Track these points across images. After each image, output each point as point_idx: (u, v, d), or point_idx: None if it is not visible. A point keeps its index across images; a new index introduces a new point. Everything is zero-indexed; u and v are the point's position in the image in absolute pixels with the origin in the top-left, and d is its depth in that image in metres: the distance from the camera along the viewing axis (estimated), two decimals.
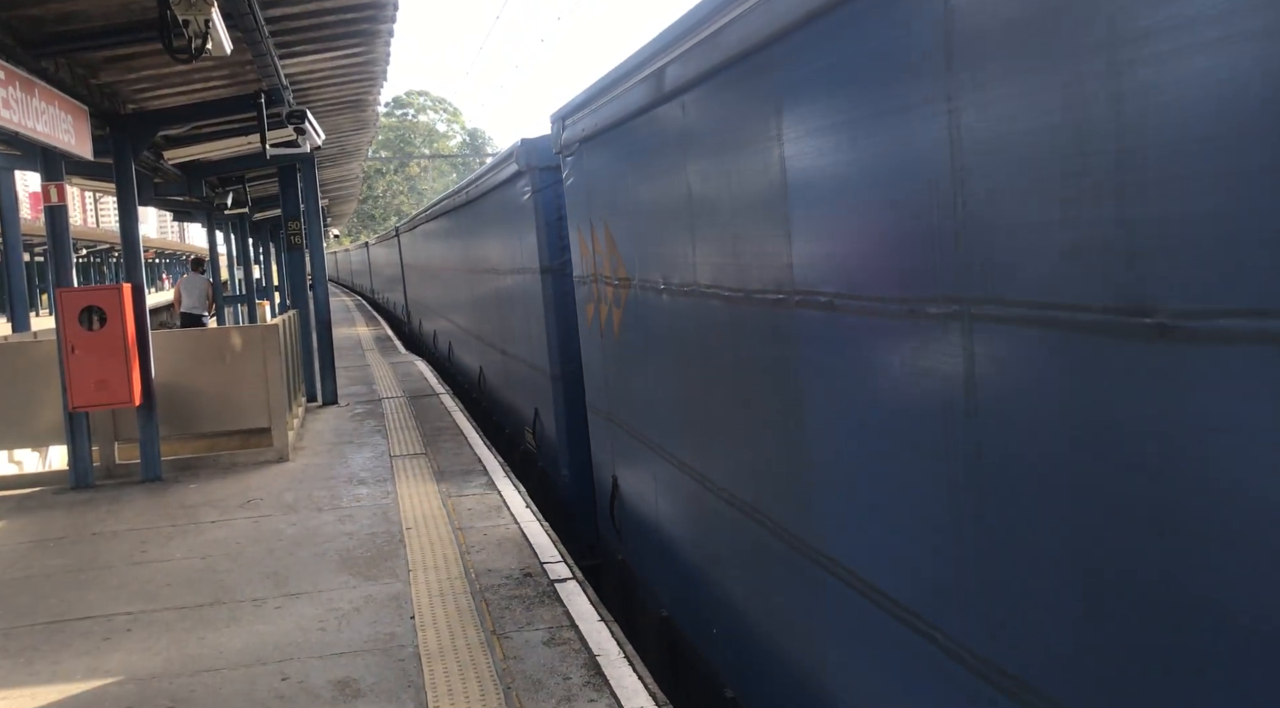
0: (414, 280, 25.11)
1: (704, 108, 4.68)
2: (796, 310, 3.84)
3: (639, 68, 5.44)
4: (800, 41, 3.56)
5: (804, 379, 3.85)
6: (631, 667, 4.82)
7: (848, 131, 3.30)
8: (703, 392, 5.11)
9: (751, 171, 4.10)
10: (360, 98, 13.19)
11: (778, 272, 3.97)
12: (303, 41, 9.23)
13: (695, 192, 4.87)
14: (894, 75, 2.99)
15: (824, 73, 3.43)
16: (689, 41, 4.62)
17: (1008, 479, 2.64)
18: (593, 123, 6.53)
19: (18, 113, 6.74)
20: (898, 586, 3.28)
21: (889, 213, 3.11)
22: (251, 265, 24.96)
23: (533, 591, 5.93)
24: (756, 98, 4.00)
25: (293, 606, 5.88)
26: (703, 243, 4.85)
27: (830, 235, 3.55)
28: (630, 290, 6.21)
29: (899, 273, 3.07)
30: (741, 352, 4.50)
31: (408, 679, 4.77)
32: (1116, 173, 2.16)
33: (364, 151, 21.99)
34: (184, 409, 10.10)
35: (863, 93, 3.20)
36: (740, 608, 4.84)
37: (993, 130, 2.57)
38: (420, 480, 8.89)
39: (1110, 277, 2.20)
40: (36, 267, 41.06)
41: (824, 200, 3.54)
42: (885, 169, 3.10)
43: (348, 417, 12.73)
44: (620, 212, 6.29)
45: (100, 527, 7.89)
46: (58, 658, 5.26)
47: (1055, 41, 2.31)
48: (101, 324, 8.96)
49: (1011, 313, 2.54)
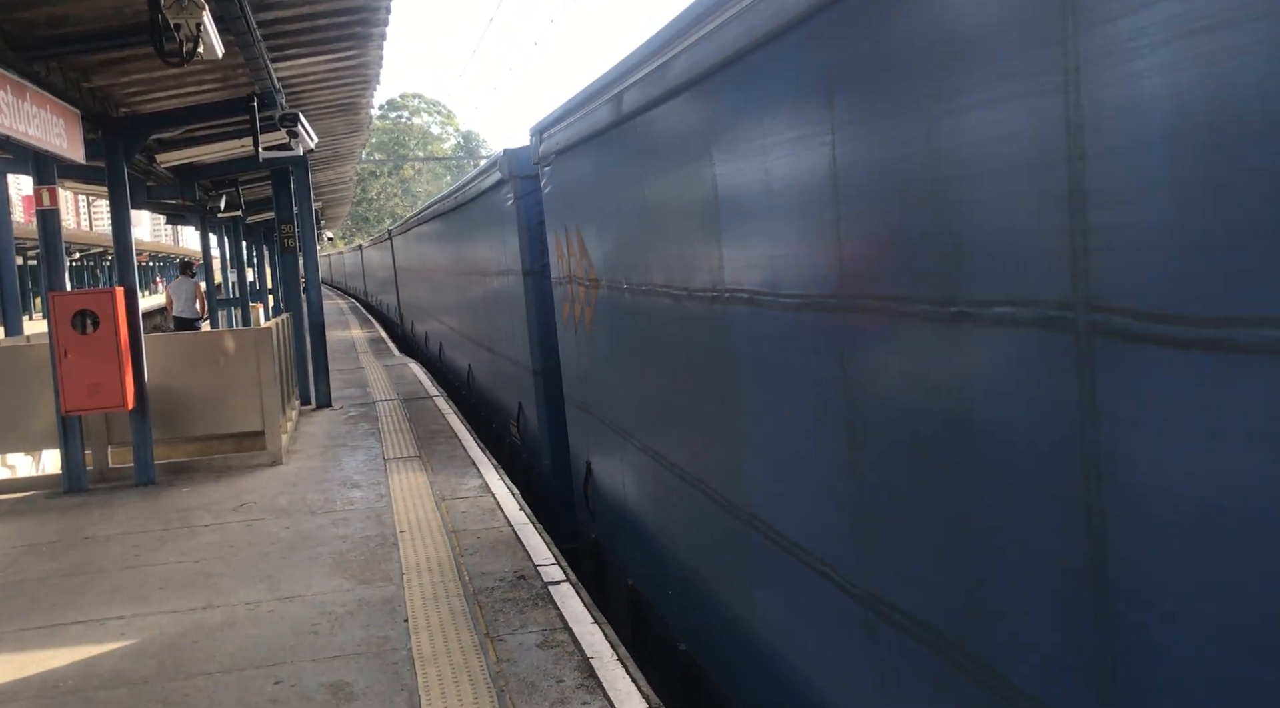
0: (406, 283, 25.81)
1: (655, 130, 5.28)
2: (727, 306, 4.46)
3: (604, 89, 6.03)
4: (724, 80, 4.23)
5: (733, 364, 4.48)
6: (625, 669, 4.83)
7: (759, 156, 3.95)
8: (658, 380, 5.73)
9: (692, 187, 4.75)
10: (353, 101, 13.20)
11: (712, 273, 4.58)
12: (295, 45, 9.23)
13: (650, 203, 5.46)
14: (790, 112, 3.65)
15: (743, 105, 4.06)
16: (643, 70, 5.27)
17: (877, 445, 3.26)
18: (566, 137, 7.14)
19: (9, 117, 6.74)
20: (803, 534, 3.92)
21: (796, 222, 3.71)
22: (245, 268, 24.92)
23: (526, 593, 5.94)
24: (694, 123, 4.68)
25: (286, 609, 5.87)
26: (656, 248, 5.44)
27: (752, 242, 4.16)
28: (599, 290, 6.78)
29: (801, 272, 3.71)
30: (687, 343, 5.14)
31: (401, 683, 4.77)
32: (908, 196, 2.89)
33: (357, 154, 21.99)
34: (177, 413, 10.09)
35: (770, 124, 3.84)
36: (690, 569, 5.45)
37: (856, 159, 3.21)
38: (414, 484, 8.89)
39: (933, 276, 2.80)
40: (29, 270, 40.99)
41: (746, 212, 4.17)
42: (791, 187, 3.71)
43: (341, 420, 12.72)
44: (590, 219, 6.85)
45: (93, 531, 7.88)
46: (51, 662, 5.25)
47: (885, 99, 2.99)
48: (94, 328, 8.95)
49: (873, 305, 3.17)
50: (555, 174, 7.72)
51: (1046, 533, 2.45)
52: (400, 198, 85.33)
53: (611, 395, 6.87)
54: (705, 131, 4.51)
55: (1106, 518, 2.24)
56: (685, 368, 5.23)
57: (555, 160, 7.62)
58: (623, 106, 5.66)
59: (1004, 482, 2.61)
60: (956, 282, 2.70)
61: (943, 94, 2.70)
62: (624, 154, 5.92)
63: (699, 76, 4.46)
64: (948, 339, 2.76)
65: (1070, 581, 2.38)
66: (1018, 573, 2.60)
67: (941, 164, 2.75)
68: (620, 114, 5.73)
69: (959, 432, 2.77)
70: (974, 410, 2.70)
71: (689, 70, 4.56)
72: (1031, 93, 2.33)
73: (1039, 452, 2.44)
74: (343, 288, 68.73)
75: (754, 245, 4.13)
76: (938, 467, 2.87)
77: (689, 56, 4.54)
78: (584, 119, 6.60)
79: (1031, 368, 2.44)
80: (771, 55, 3.72)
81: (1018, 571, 2.60)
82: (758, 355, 4.21)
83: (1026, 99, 2.35)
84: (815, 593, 3.83)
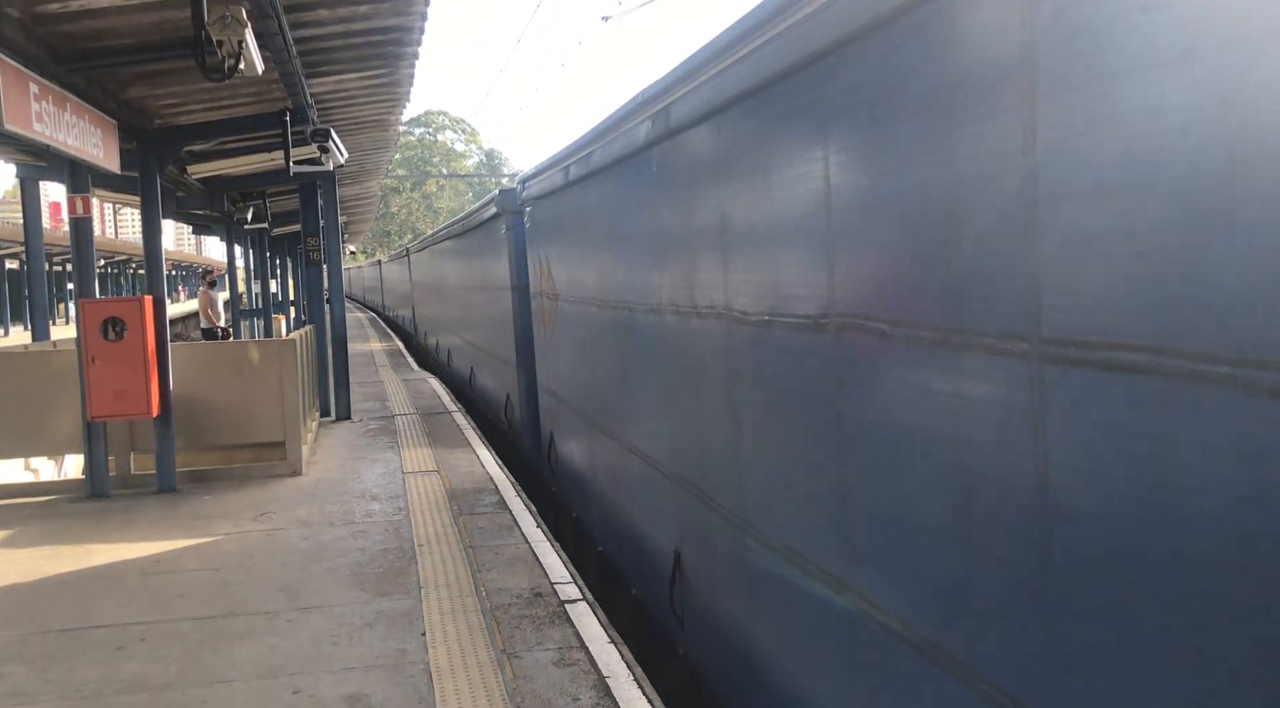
0: (420, 296, 28.94)
1: (585, 194, 7.92)
2: (627, 312, 6.82)
3: (557, 162, 8.87)
4: (620, 170, 6.76)
5: (630, 352, 6.88)
6: (641, 690, 4.84)
7: (650, 212, 6.14)
8: (592, 367, 8.21)
9: (606, 232, 7.31)
10: (383, 117, 13.34)
11: (617, 290, 7.02)
12: (329, 62, 9.37)
13: (583, 241, 8.23)
14: (680, 189, 5.58)
15: (632, 186, 6.58)
16: (578, 155, 7.90)
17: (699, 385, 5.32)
18: (539, 189, 9.92)
19: (50, 126, 6.87)
20: (650, 446, 6.63)
21: (675, 255, 5.74)
22: (269, 280, 25.12)
23: (543, 610, 5.97)
24: (605, 195, 7.30)
25: (305, 619, 5.92)
26: (586, 270, 8.10)
27: (640, 271, 6.46)
28: (558, 302, 9.36)
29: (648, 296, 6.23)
30: (605, 338, 7.55)
31: (419, 696, 4.80)
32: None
33: (384, 170, 22.18)
34: (200, 421, 10.19)
35: (648, 201, 6.21)
36: (612, 502, 7.80)
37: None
38: (432, 498, 8.94)
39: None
40: (55, 276, 41.38)
41: (632, 250, 6.63)
42: (639, 233, 6.42)
43: (361, 432, 12.80)
44: (553, 249, 9.54)
45: (115, 536, 7.96)
46: (72, 666, 5.31)
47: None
48: (121, 335, 9.07)
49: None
50: (533, 214, 10.45)
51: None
52: (423, 214, 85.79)
53: (566, 380, 9.39)
54: (610, 202, 7.15)
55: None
56: (601, 357, 7.76)
57: (534, 204, 10.33)
58: (569, 175, 8.32)
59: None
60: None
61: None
62: (569, 207, 8.65)
63: (607, 165, 7.03)
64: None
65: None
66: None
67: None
68: (567, 180, 8.43)
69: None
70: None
71: (601, 162, 7.18)
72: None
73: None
74: (361, 300, 69.07)
75: (641, 273, 6.45)
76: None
77: (601, 152, 7.16)
78: (548, 179, 9.34)
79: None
80: (628, 166, 6.49)
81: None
82: (645, 344, 6.47)
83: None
84: (660, 490, 6.22)
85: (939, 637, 3.08)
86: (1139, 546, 2.22)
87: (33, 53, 6.85)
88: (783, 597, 4.41)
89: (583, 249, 8.20)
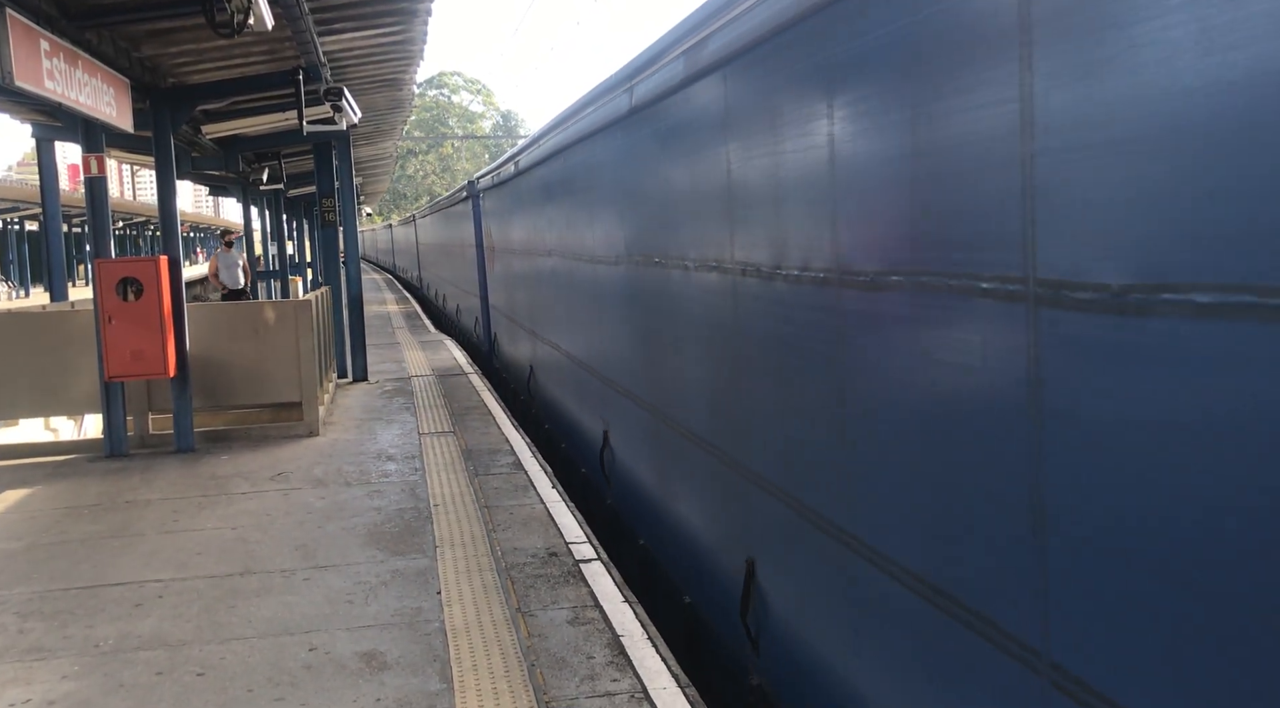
0: (425, 254, 35.45)
1: (518, 186, 11.92)
2: (546, 258, 10.17)
3: (501, 165, 13.43)
4: (546, 171, 10.09)
5: (551, 283, 10.16)
6: (655, 648, 4.84)
7: (586, 203, 8.35)
8: (514, 291, 13.31)
9: (535, 208, 10.72)
10: (397, 77, 13.23)
11: (542, 242, 10.37)
12: (342, 19, 9.26)
13: (515, 211, 12.56)
14: (585, 186, 8.84)
15: (557, 181, 9.79)
16: (514, 159, 12.17)
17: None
18: (487, 182, 15.48)
19: (62, 84, 6.82)
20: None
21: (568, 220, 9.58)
22: (285, 241, 25.12)
23: (558, 570, 5.97)
24: (536, 186, 10.69)
25: (321, 578, 5.95)
26: (516, 229, 12.63)
27: (558, 227, 9.64)
28: (497, 251, 15.04)
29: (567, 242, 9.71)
30: (531, 274, 11.41)
31: (433, 653, 4.82)
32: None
33: (399, 130, 22.07)
34: (217, 382, 10.22)
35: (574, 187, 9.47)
36: (551, 395, 11.00)
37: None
38: (448, 458, 8.96)
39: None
40: (73, 237, 41.54)
41: (554, 215, 9.81)
42: (542, 217, 10.84)
43: (377, 393, 12.83)
44: (495, 220, 15.12)
45: (133, 495, 8.01)
46: (91, 622, 5.36)
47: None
48: (138, 296, 9.07)
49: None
50: (487, 197, 16.10)
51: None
52: (439, 176, 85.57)
53: (503, 300, 14.95)
54: (543, 191, 10.19)
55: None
56: (528, 285, 11.91)
57: (484, 193, 16.33)
58: (497, 178, 13.82)
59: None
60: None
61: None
62: (506, 195, 13.48)
63: (534, 163, 10.42)
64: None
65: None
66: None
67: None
68: (495, 182, 14.15)
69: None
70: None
71: (528, 164, 10.82)
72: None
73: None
74: (374, 261, 69.24)
75: (558, 229, 9.54)
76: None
77: (527, 155, 10.82)
78: (493, 174, 14.54)
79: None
80: (511, 184, 12.22)
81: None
82: (544, 273, 10.10)
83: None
84: (565, 370, 9.91)
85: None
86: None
87: (43, 9, 6.78)
88: (684, 457, 6.00)
89: (506, 218, 13.71)
